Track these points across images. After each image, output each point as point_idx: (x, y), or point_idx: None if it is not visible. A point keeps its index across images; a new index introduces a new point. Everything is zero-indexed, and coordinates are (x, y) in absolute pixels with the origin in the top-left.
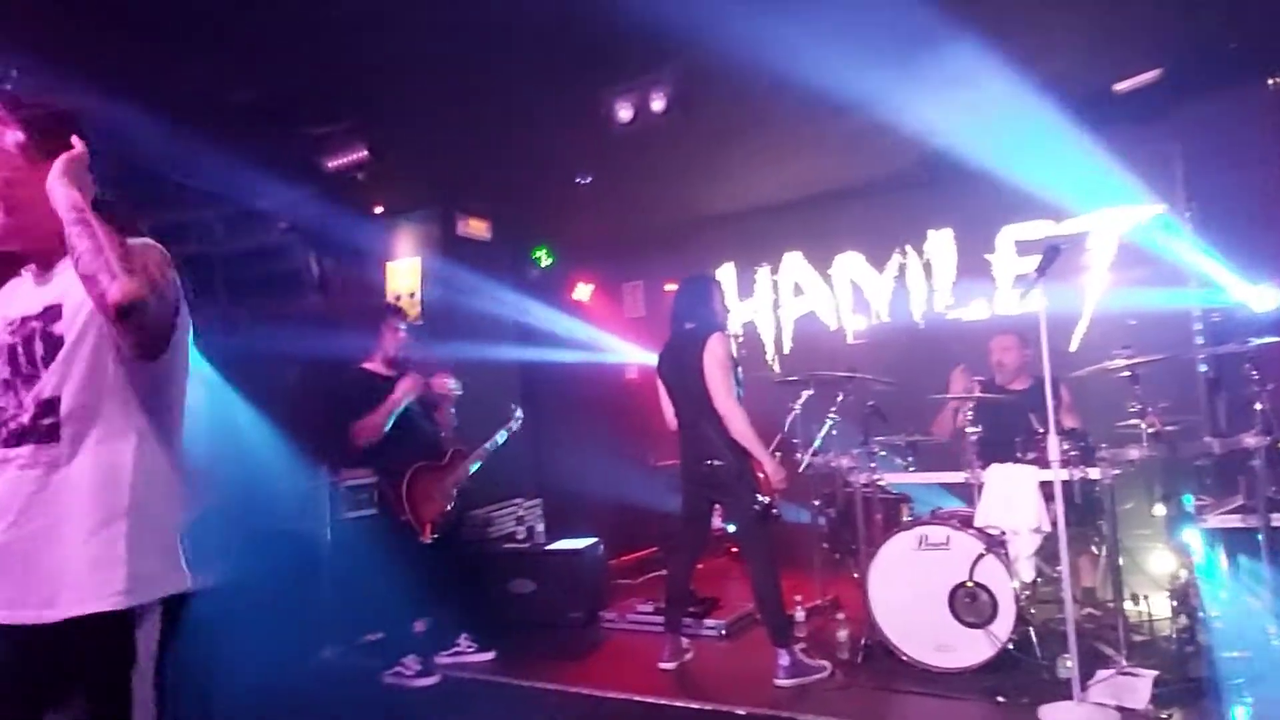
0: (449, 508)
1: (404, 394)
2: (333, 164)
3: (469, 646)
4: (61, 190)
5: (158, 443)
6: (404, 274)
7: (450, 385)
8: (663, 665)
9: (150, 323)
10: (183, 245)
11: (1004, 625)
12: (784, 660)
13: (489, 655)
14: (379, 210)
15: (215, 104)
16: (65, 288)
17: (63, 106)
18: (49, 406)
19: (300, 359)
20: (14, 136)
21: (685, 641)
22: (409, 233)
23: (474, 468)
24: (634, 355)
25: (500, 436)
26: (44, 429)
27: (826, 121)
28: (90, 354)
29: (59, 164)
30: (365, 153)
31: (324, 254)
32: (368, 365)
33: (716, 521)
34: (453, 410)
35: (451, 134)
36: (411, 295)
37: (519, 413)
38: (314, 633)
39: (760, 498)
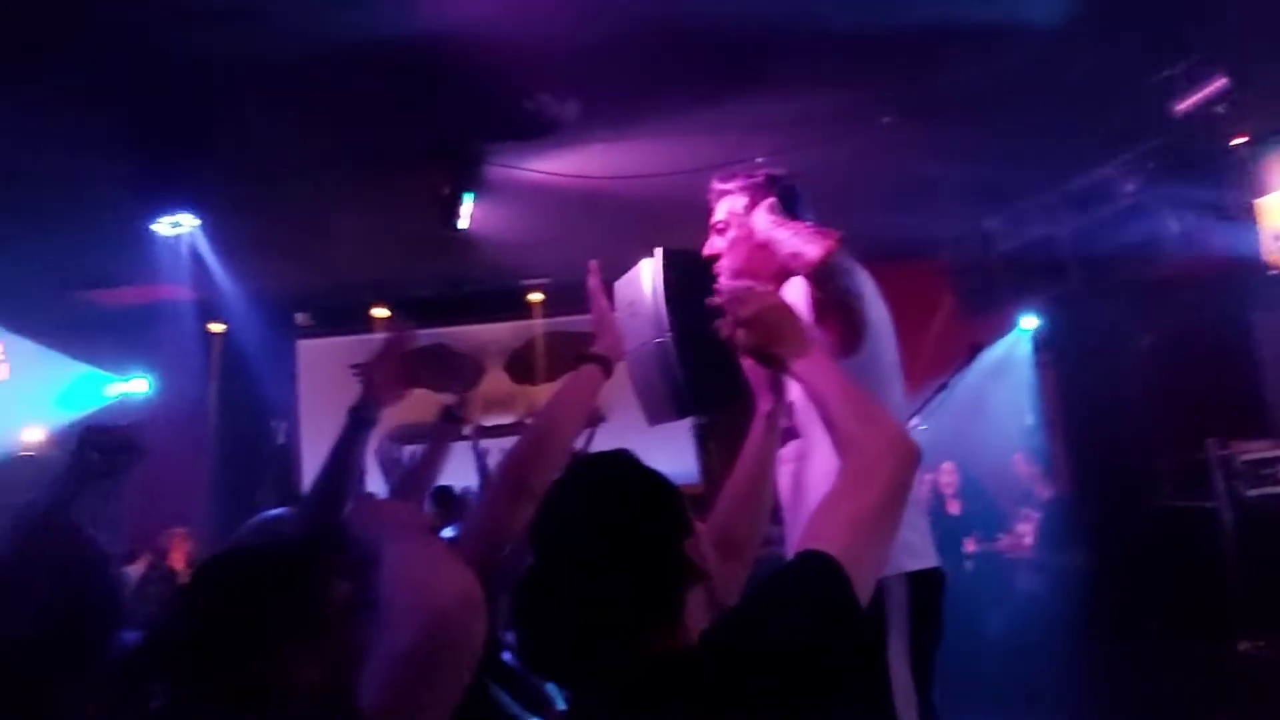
0: None
1: None
2: (1183, 106)
3: None
4: (763, 219)
5: None
6: None
7: None
8: None
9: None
10: (1028, 228)
11: None
12: None
13: None
14: (1241, 140)
15: None
16: None
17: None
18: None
19: (1153, 326)
20: (769, 202)
21: None
22: None
23: None
24: None
25: None
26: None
27: None
28: None
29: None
30: (1224, 80)
31: (1181, 209)
32: None
33: None
34: None
35: None
36: None
37: None
38: (1224, 623)
39: None
